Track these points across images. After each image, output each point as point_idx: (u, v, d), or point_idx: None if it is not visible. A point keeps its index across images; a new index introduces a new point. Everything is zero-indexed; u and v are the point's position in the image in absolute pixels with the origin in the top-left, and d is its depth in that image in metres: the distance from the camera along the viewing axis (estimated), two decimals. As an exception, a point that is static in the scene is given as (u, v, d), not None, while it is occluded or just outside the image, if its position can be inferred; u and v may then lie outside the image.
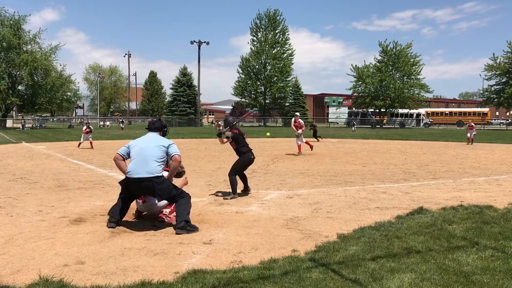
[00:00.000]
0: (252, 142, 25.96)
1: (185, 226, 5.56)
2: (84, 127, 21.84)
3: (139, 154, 5.89)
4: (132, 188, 5.89)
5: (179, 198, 5.90)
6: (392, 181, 10.31)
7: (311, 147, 18.42)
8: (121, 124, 54.53)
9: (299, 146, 17.84)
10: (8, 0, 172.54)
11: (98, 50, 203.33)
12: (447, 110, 76.46)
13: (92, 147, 20.87)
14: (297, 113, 19.84)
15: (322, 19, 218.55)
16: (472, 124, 25.54)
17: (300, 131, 17.80)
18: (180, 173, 6.65)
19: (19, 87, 52.52)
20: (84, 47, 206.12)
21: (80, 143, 21.02)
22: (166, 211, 6.25)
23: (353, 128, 45.22)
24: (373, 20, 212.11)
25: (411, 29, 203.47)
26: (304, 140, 18.10)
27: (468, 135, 25.24)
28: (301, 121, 18.45)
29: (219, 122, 31.57)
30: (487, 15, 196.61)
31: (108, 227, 5.71)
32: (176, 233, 5.47)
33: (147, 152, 5.87)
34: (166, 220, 6.13)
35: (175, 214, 5.93)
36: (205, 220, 6.23)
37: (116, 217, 5.85)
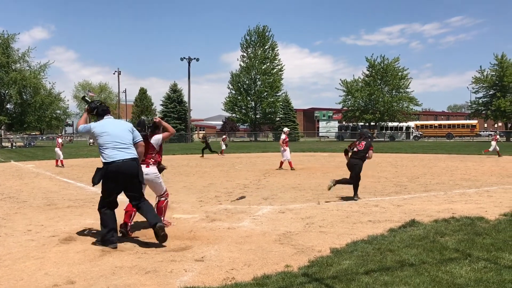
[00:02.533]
0: (243, 157, 26.00)
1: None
2: (60, 140, 21.44)
3: (115, 140, 5.80)
4: (115, 176, 5.69)
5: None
6: (384, 194, 10.32)
7: (282, 164, 17.75)
8: None
9: (290, 163, 17.51)
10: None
11: (88, 68, 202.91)
12: (436, 122, 77.17)
13: (63, 165, 20.19)
14: (286, 128, 19.22)
15: (311, 34, 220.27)
16: (497, 136, 25.73)
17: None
18: (161, 169, 6.78)
19: (8, 106, 52.14)
20: (74, 65, 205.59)
21: (57, 161, 20.63)
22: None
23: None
24: (361, 35, 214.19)
25: (399, 43, 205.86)
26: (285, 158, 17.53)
27: (498, 148, 24.27)
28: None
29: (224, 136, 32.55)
30: (474, 28, 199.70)
31: (112, 247, 5.55)
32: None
33: (123, 136, 5.88)
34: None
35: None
36: (197, 237, 6.18)
37: (116, 235, 5.80)
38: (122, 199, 6.09)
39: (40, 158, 26.82)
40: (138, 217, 6.33)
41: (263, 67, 66.23)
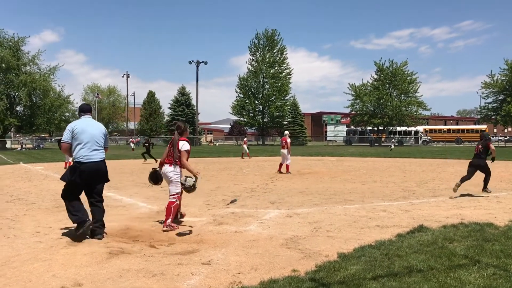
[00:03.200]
0: (250, 161, 25.98)
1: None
2: None
3: (90, 140, 6.31)
4: (87, 174, 6.23)
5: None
6: (392, 199, 10.27)
7: (281, 167, 17.80)
8: (132, 145, 46.20)
9: (287, 166, 17.50)
10: (9, 22, 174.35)
11: (97, 70, 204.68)
12: (445, 127, 76.66)
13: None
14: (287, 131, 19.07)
15: (320, 38, 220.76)
16: None
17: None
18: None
19: (18, 108, 52.64)
20: (83, 68, 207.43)
21: (66, 163, 20.76)
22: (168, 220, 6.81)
23: (392, 146, 43.24)
24: (371, 39, 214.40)
25: (408, 47, 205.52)
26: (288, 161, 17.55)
27: None
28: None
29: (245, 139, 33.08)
30: (484, 33, 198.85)
31: (79, 233, 6.11)
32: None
33: (98, 139, 6.41)
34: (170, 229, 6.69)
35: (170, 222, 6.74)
36: (204, 240, 6.18)
37: (88, 219, 6.23)
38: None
39: (49, 160, 27.00)
40: (141, 221, 6.33)
41: (271, 71, 66.15)
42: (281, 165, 17.78)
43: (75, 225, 6.34)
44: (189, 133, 9.42)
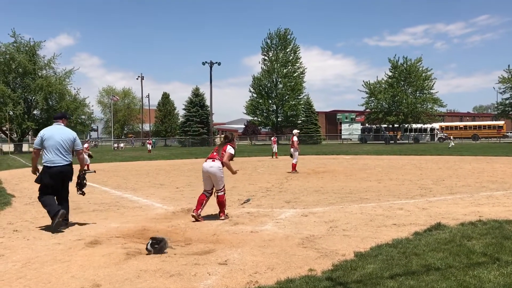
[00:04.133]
0: (264, 160, 25.98)
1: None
2: (86, 145, 21.88)
3: (55, 146, 7.07)
4: (53, 177, 7.03)
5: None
6: (408, 197, 10.18)
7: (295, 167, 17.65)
8: (149, 146, 46.55)
9: (293, 165, 17.46)
10: (25, 27, 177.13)
11: (112, 73, 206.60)
12: (461, 124, 75.71)
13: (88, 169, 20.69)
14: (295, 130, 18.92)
15: (333, 36, 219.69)
16: None
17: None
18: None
19: (35, 112, 53.37)
20: (99, 70, 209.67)
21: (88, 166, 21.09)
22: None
23: (451, 144, 42.00)
24: (385, 36, 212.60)
25: (423, 43, 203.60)
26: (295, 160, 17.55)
27: None
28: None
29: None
30: (501, 27, 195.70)
31: (54, 226, 6.82)
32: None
33: (63, 145, 7.13)
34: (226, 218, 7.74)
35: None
36: (220, 240, 6.20)
37: (60, 208, 6.93)
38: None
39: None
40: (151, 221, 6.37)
41: (284, 70, 66.05)
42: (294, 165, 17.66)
43: (85, 226, 6.82)
44: (204, 134, 10.05)
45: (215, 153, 7.92)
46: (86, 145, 21.96)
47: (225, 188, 8.08)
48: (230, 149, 7.93)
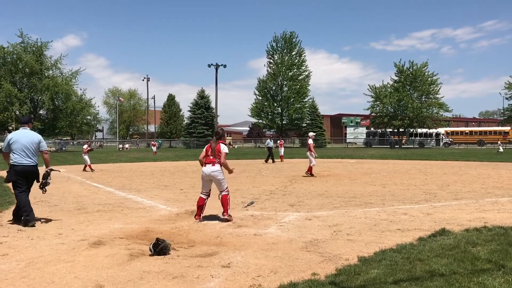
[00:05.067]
0: (269, 163, 25.95)
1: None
2: (85, 146, 21.93)
3: (21, 149, 7.69)
4: (18, 174, 7.66)
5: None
6: (413, 202, 10.14)
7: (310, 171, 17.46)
8: (154, 148, 46.19)
9: (309, 168, 17.28)
10: (33, 27, 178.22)
11: (118, 74, 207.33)
12: (467, 129, 75.41)
13: (92, 170, 20.91)
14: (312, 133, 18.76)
15: (340, 40, 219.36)
16: None
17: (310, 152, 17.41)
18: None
19: (41, 112, 53.69)
20: (105, 71, 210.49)
21: (85, 166, 21.25)
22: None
23: (500, 148, 41.05)
24: (392, 40, 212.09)
25: (430, 48, 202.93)
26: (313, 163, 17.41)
27: None
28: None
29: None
30: (509, 32, 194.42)
31: (30, 226, 7.39)
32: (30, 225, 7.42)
33: (29, 147, 7.74)
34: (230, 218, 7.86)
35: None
36: (223, 243, 6.19)
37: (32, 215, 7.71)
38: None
39: (71, 163, 27.43)
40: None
41: (290, 74, 66.11)
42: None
43: (89, 227, 6.99)
44: (209, 136, 10.16)
45: (211, 157, 7.94)
46: (85, 146, 22.03)
47: (229, 189, 8.17)
48: (224, 149, 7.99)
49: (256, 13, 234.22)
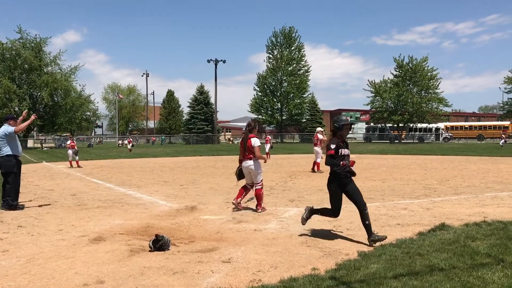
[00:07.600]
0: (269, 159, 25.93)
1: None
2: (69, 142, 21.95)
3: None
4: None
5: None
6: (413, 197, 10.16)
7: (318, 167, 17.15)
8: (129, 145, 42.33)
9: (318, 164, 16.96)
10: (33, 23, 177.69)
11: (118, 70, 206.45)
12: (466, 124, 75.35)
13: (78, 166, 20.99)
14: (319, 128, 18.32)
15: (341, 34, 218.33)
16: None
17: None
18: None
19: (40, 108, 53.57)
20: (105, 67, 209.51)
21: (71, 162, 21.35)
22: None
23: (502, 142, 41.36)
24: (393, 34, 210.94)
25: (431, 42, 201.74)
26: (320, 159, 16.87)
27: None
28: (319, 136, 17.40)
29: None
30: (510, 27, 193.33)
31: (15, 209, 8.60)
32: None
33: None
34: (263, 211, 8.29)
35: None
36: (223, 238, 6.21)
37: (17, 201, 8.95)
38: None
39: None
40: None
41: (289, 69, 66.02)
42: (314, 163, 17.14)
43: (89, 223, 7.01)
44: (208, 131, 10.38)
45: (247, 153, 8.39)
46: (69, 142, 22.02)
47: (263, 183, 8.58)
48: (256, 142, 8.36)
49: (257, 8, 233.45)
